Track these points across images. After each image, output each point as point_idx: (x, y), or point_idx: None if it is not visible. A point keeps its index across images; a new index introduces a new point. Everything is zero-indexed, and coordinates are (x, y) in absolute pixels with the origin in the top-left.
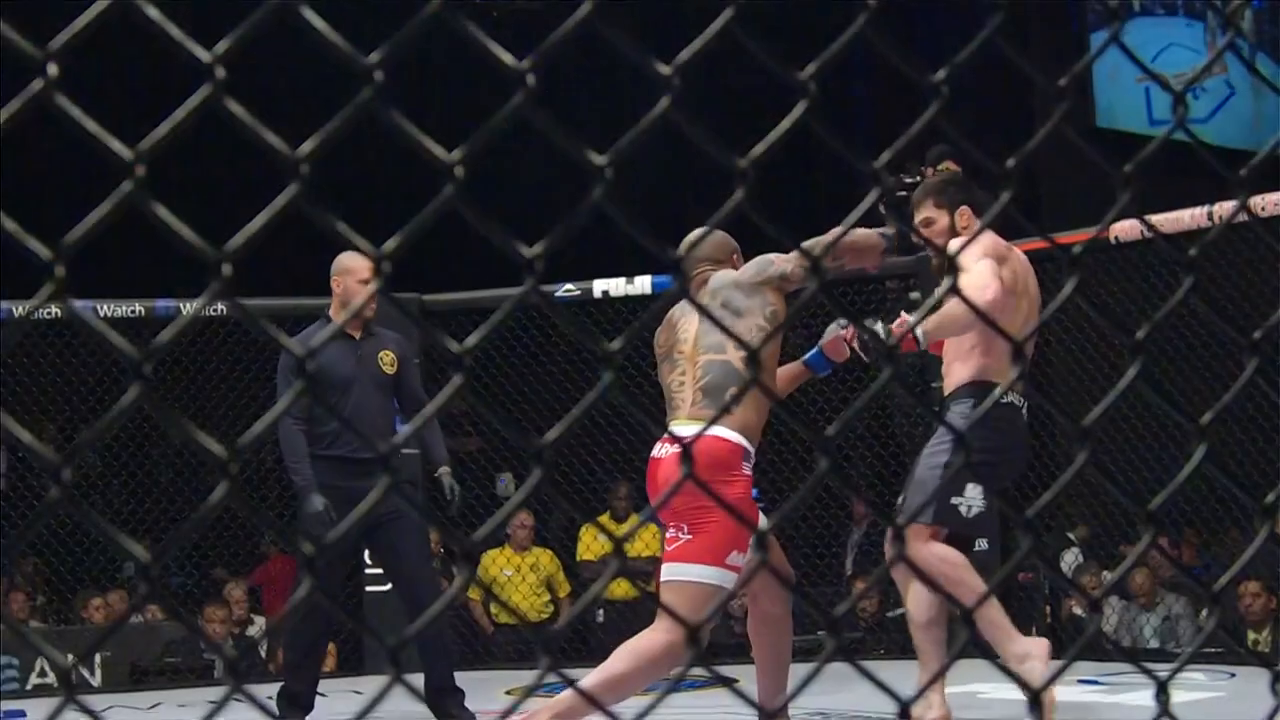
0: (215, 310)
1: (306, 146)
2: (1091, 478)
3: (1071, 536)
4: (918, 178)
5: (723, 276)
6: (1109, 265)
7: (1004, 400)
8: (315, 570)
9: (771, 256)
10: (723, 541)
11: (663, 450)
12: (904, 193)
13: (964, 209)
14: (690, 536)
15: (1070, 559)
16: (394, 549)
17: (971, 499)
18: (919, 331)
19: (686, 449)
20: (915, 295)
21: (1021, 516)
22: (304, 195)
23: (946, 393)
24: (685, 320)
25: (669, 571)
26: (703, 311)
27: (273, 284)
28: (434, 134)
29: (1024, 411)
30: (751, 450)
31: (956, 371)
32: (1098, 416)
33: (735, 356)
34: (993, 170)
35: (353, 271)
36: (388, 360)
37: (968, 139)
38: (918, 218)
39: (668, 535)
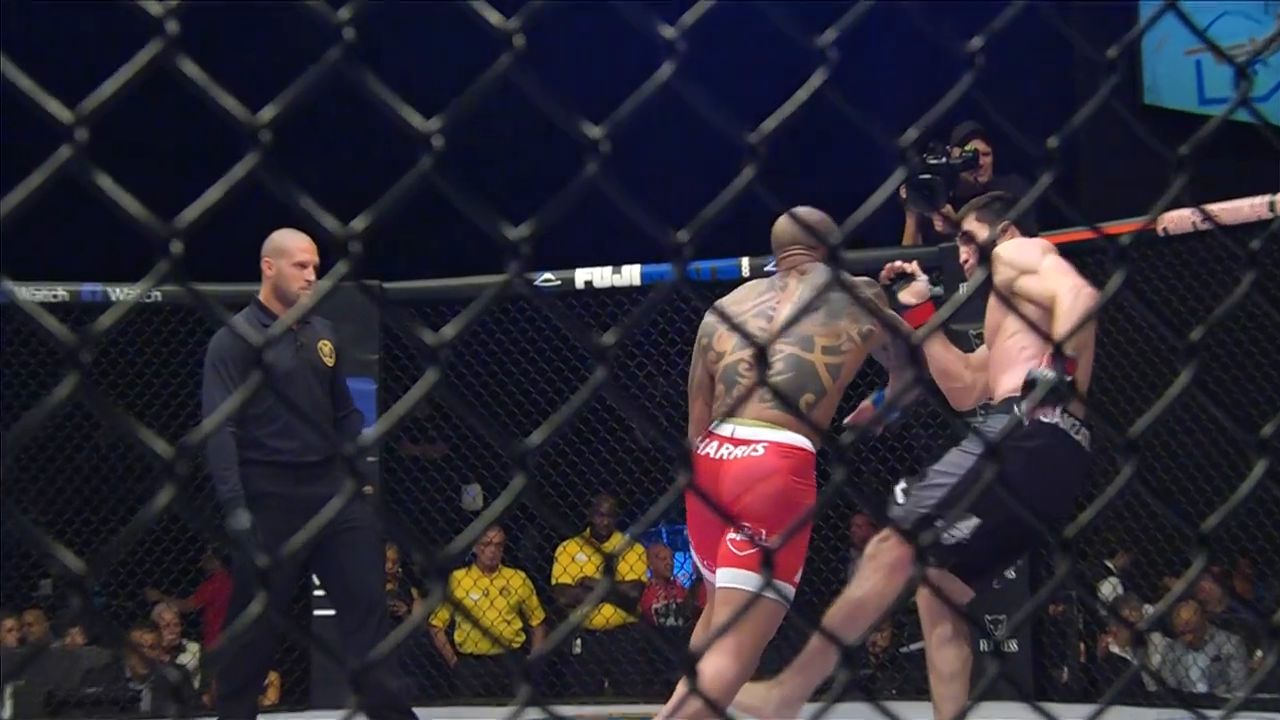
0: (151, 296)
1: (268, 112)
2: (1134, 497)
3: (1109, 565)
4: (943, 159)
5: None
6: (1155, 261)
7: (1046, 419)
8: (270, 584)
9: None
10: (794, 556)
11: (728, 451)
12: (928, 175)
13: (1007, 225)
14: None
15: (1107, 590)
16: (344, 563)
17: (960, 530)
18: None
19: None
20: (937, 290)
21: (1059, 537)
22: (264, 165)
23: (994, 401)
24: (773, 296)
25: (733, 578)
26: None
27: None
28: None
29: (1078, 436)
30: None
31: (1004, 381)
32: (1146, 427)
33: (821, 358)
34: (1031, 151)
35: (288, 253)
36: (327, 350)
37: (1003, 116)
38: (961, 233)
39: (734, 538)
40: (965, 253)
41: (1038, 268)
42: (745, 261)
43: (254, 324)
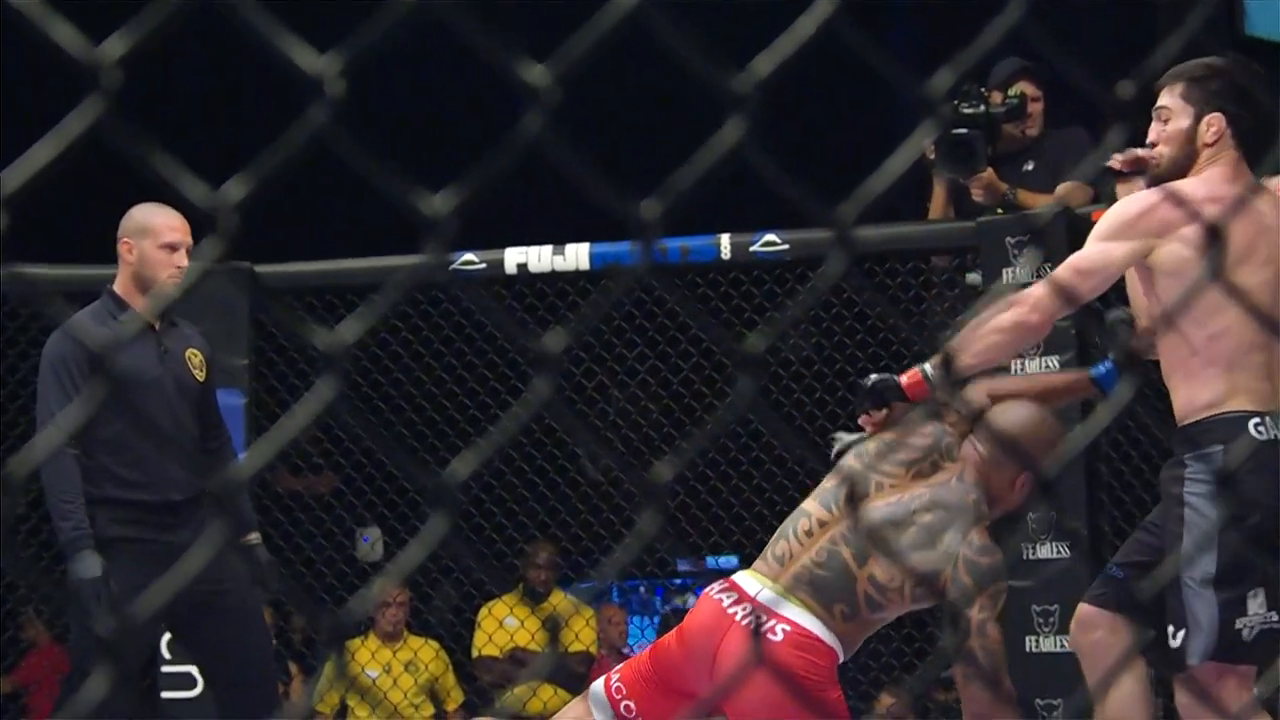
0: None
1: (115, 46)
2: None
3: None
4: (980, 107)
5: (965, 495)
6: None
7: (1260, 435)
8: (118, 655)
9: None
10: None
11: (742, 612)
12: (964, 129)
13: (1216, 117)
14: None
15: None
16: (227, 637)
17: (1255, 616)
18: (927, 368)
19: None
20: (974, 277)
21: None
22: (113, 113)
23: (1179, 424)
24: (897, 449)
25: None
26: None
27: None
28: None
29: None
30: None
31: (1184, 392)
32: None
33: (864, 584)
34: (1100, 97)
35: (153, 232)
36: (197, 362)
37: (1063, 51)
38: (1157, 104)
39: None
40: (1154, 133)
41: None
42: (725, 239)
43: (106, 322)
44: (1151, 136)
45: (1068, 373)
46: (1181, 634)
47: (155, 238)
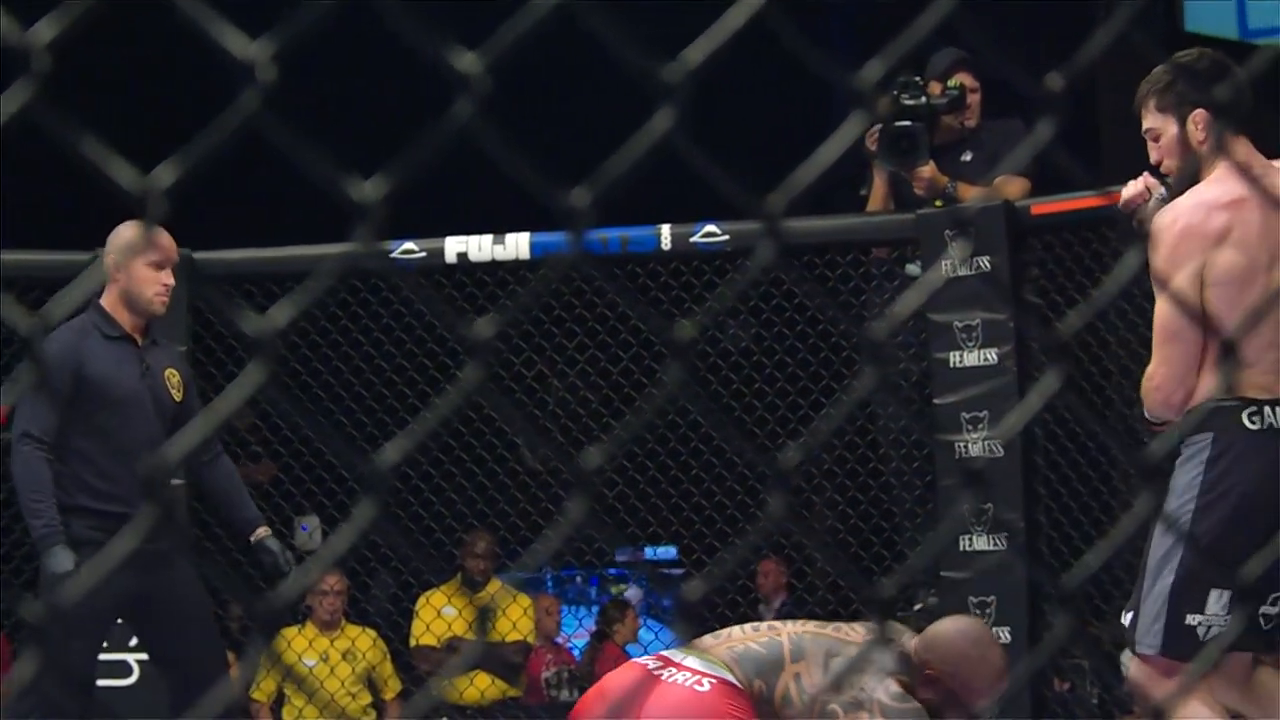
0: None
1: (46, 30)
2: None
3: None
4: (921, 99)
5: (893, 649)
6: None
7: (1253, 425)
8: (53, 641)
9: None
10: None
11: (670, 674)
12: (906, 121)
13: (1198, 115)
14: None
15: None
16: (173, 636)
17: (1213, 617)
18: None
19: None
20: (913, 269)
21: (1057, 585)
22: (44, 97)
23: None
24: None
25: None
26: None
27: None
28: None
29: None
30: None
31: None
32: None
33: (789, 679)
34: (1031, 90)
35: (141, 250)
36: (175, 381)
37: (997, 43)
38: (1144, 128)
39: None
40: (1155, 154)
41: (1158, 272)
42: (665, 230)
43: (90, 335)
44: (1153, 159)
45: None
46: (1129, 615)
47: (142, 256)
